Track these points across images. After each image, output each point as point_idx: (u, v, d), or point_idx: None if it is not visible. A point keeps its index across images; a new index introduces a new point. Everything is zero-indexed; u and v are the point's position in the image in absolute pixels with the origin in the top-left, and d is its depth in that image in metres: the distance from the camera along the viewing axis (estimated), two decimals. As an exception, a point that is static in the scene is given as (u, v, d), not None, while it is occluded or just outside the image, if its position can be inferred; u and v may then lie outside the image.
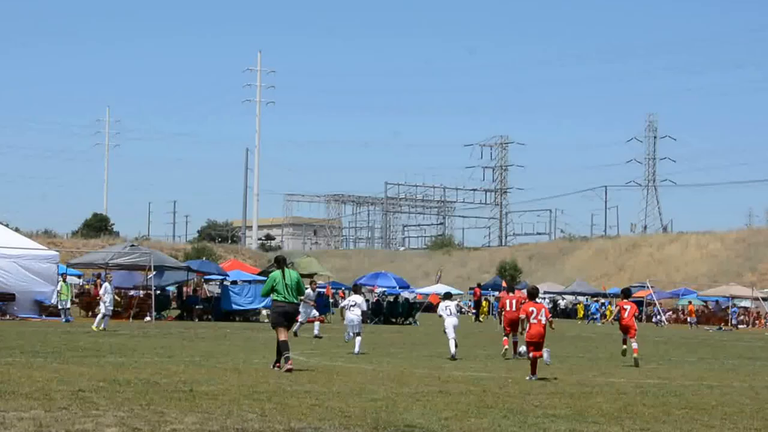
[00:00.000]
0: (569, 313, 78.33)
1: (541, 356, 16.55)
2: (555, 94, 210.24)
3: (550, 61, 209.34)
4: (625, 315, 21.57)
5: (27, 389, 12.64)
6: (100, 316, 31.09)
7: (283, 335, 17.22)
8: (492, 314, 60.00)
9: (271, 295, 17.78)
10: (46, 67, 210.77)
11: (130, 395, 12.37)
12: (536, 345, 16.76)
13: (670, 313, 72.15)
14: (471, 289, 72.92)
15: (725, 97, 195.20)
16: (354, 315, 23.32)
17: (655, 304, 67.27)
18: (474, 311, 60.95)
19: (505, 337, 23.59)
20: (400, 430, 10.13)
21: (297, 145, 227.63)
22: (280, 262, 18.10)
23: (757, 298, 65.34)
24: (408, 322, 48.14)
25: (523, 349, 21.53)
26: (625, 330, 21.53)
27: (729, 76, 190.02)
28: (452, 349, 21.98)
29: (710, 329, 56.05)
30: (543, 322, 16.95)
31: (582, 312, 70.18)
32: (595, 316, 66.45)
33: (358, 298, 24.01)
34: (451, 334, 22.24)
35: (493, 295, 79.37)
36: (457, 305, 25.82)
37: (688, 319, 62.20)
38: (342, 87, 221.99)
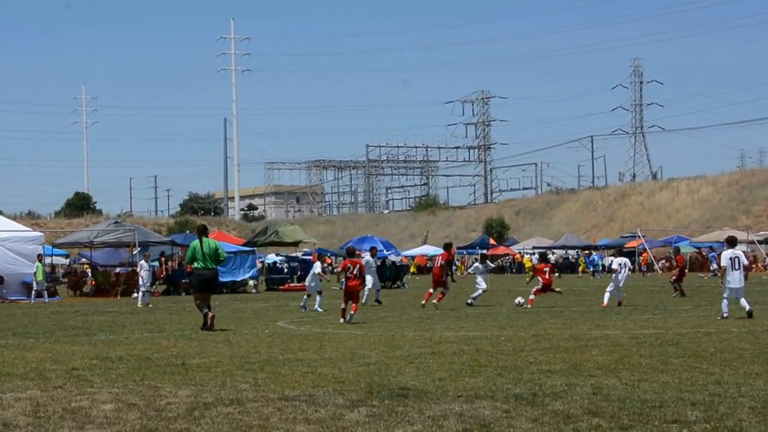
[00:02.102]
0: (561, 267, 78.69)
1: None
2: (535, 45, 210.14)
3: (529, 10, 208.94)
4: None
5: (21, 370, 12.74)
6: (140, 294, 31.90)
7: (205, 300, 19.12)
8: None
9: (193, 263, 19.24)
10: (20, 47, 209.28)
11: (123, 372, 12.44)
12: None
13: (663, 261, 72.52)
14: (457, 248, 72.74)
15: (710, 36, 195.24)
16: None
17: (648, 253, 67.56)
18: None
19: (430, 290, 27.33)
20: (395, 392, 10.21)
21: (275, 113, 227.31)
22: (200, 232, 19.77)
23: (752, 242, 65.64)
24: (396, 285, 48.32)
25: (520, 299, 26.96)
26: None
27: (713, 14, 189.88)
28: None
29: (705, 276, 56.39)
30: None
31: (583, 266, 70.44)
32: (597, 269, 66.60)
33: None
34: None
35: (481, 253, 79.74)
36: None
37: (642, 268, 62.55)
38: (318, 50, 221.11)
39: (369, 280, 28.25)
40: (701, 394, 9.71)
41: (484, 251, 59.48)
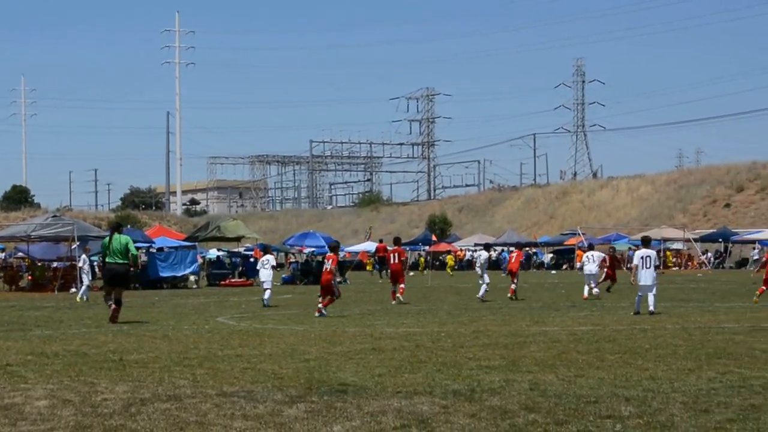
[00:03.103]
0: (500, 264, 79.21)
1: None
2: (480, 44, 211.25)
3: (474, 9, 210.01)
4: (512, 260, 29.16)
5: (-47, 367, 12.53)
6: (83, 288, 32.07)
7: (116, 294, 20.07)
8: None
9: (105, 258, 20.42)
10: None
11: (58, 367, 12.29)
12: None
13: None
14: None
15: (651, 37, 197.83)
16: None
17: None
18: (377, 267, 59.61)
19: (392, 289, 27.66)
20: (334, 388, 10.22)
21: (219, 107, 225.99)
22: (113, 228, 21.09)
23: (689, 240, 66.64)
24: (338, 281, 48.18)
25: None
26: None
27: (655, 15, 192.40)
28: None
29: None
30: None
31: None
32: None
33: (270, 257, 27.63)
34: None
35: (424, 250, 79.96)
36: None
37: (576, 266, 63.25)
38: (262, 45, 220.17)
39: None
40: (635, 390, 9.85)
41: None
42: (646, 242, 22.40)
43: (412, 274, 54.88)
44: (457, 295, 32.46)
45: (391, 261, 28.80)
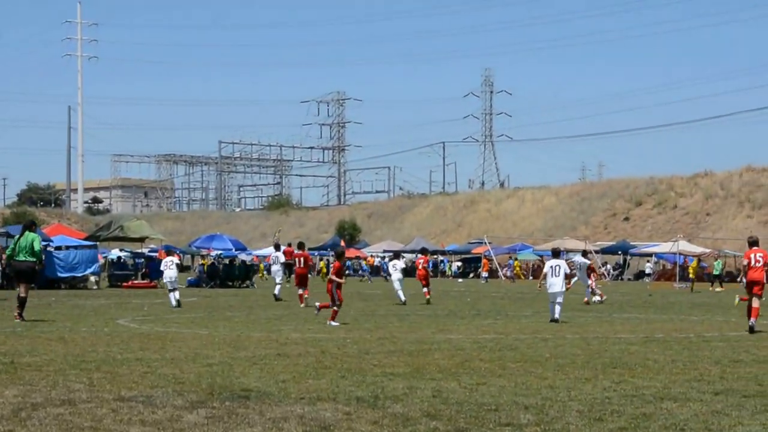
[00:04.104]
0: (409, 271, 79.52)
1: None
2: (392, 49, 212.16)
3: (386, 14, 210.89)
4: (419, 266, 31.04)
5: None
6: None
7: (23, 291, 20.35)
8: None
9: (14, 255, 20.81)
10: None
11: (-55, 370, 11.93)
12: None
13: (507, 268, 74.16)
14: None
15: (559, 51, 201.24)
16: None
17: (492, 259, 69.00)
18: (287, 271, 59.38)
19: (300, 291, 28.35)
20: (236, 394, 10.13)
21: (124, 103, 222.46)
22: (25, 226, 21.09)
23: (590, 251, 67.83)
24: (245, 285, 47.95)
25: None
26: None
27: (561, 29, 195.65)
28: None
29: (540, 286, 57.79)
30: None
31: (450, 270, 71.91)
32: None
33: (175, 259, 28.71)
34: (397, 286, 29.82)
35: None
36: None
37: (482, 274, 64.22)
38: (171, 41, 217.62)
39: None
40: (534, 398, 9.99)
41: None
42: (555, 253, 23.58)
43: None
44: (364, 301, 32.51)
45: (297, 266, 29.05)
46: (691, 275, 52.77)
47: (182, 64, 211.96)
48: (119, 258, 55.36)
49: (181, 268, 52.70)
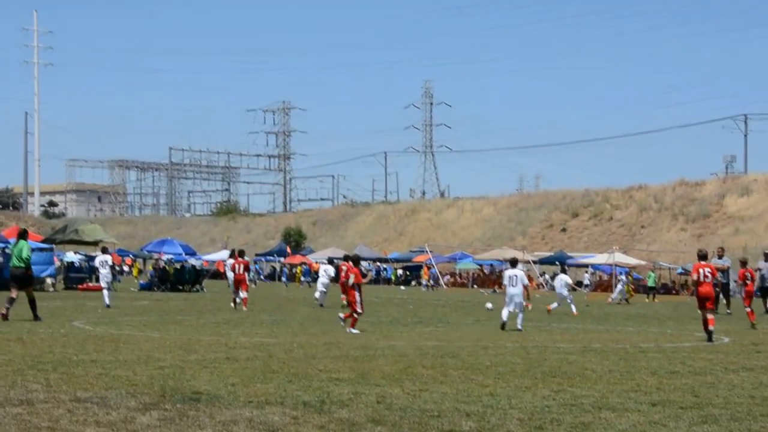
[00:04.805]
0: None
1: None
2: (336, 59, 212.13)
3: (329, 24, 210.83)
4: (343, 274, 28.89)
5: None
6: None
7: (13, 293, 21.77)
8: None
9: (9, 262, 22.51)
10: None
11: None
12: None
13: (448, 276, 74.47)
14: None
15: (497, 63, 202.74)
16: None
17: (433, 266, 69.16)
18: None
19: (243, 296, 28.98)
20: (187, 396, 10.07)
21: (78, 109, 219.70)
22: (19, 235, 22.75)
23: (527, 261, 68.32)
24: (195, 289, 47.55)
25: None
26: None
27: (500, 40, 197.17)
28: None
29: (485, 292, 58.29)
30: None
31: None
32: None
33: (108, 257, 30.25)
34: None
35: (279, 261, 79.63)
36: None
37: (422, 282, 64.60)
38: (123, 48, 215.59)
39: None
40: (476, 405, 10.02)
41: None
42: (513, 263, 23.36)
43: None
44: (310, 306, 32.45)
45: (236, 271, 29.90)
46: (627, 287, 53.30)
47: (133, 69, 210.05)
48: (72, 262, 54.62)
49: (121, 271, 52.15)
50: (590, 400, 10.60)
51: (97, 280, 46.34)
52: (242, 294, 28.99)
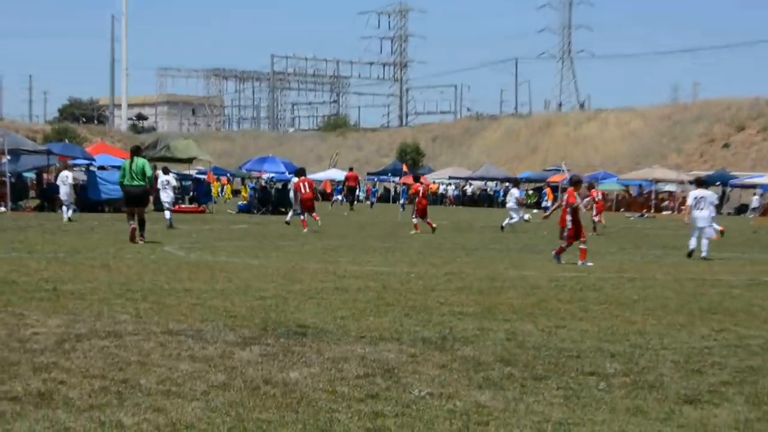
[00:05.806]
0: (476, 200, 79.40)
1: None
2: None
3: None
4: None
5: None
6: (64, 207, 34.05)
7: (136, 214, 22.66)
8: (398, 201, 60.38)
9: (123, 180, 23.18)
10: None
11: (-18, 297, 12.15)
12: None
13: (588, 198, 73.44)
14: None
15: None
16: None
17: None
18: (347, 197, 60.08)
19: (302, 217, 30.64)
20: (292, 330, 10.17)
21: (171, 12, 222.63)
22: (133, 152, 23.66)
23: (682, 182, 66.93)
24: (299, 212, 48.08)
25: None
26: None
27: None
28: None
29: (632, 216, 57.46)
30: None
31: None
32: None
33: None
34: None
35: (393, 181, 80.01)
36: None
37: (546, 204, 63.58)
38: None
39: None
40: (621, 345, 9.86)
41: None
42: (699, 183, 23.28)
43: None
44: (430, 232, 32.50)
45: (302, 191, 31.21)
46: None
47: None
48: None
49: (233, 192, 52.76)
50: (759, 341, 10.35)
51: (191, 201, 47.56)
52: (313, 213, 30.54)
